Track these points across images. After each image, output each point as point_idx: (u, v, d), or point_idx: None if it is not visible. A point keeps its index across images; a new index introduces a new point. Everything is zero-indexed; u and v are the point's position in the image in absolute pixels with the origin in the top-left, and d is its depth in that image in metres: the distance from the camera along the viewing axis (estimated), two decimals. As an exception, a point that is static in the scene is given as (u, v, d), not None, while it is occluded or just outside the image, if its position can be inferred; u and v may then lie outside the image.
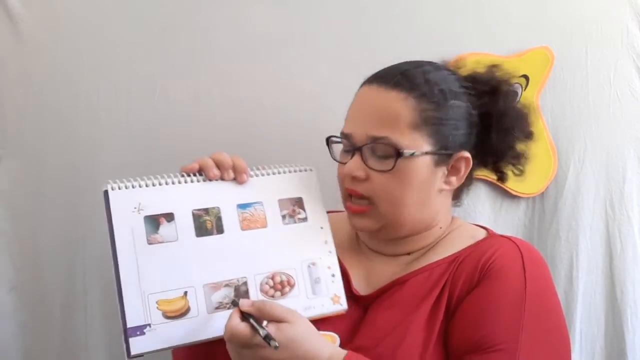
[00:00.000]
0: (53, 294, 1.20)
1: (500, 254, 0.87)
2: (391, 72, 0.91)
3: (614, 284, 1.26)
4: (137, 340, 0.79)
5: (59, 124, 1.18)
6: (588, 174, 1.25)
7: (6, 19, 1.16)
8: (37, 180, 1.19)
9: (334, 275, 0.90)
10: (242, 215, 0.88)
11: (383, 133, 0.87)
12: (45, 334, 1.20)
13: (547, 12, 1.24)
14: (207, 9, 1.20)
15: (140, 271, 0.81)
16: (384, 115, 0.88)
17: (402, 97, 0.87)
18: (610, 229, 1.26)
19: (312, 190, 0.93)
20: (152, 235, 0.83)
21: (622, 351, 1.25)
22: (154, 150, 1.19)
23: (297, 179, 0.93)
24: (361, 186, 0.89)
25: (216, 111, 1.21)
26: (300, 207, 0.91)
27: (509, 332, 0.81)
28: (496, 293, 0.84)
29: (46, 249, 1.19)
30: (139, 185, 0.84)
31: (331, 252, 0.91)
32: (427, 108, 0.87)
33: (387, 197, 0.88)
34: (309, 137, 1.18)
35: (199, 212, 0.86)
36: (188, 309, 0.81)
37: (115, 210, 0.82)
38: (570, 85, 1.25)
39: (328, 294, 0.88)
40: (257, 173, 0.91)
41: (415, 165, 0.88)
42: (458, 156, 0.90)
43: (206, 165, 0.88)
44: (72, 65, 1.18)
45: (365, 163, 0.88)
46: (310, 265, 0.89)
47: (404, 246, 0.95)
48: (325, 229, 0.92)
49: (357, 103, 0.92)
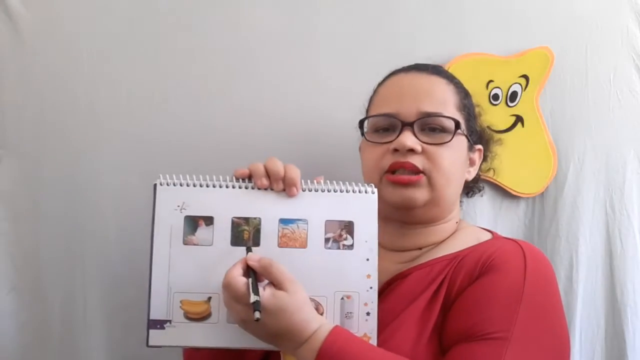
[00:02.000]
0: (53, 294, 1.20)
1: (503, 250, 0.87)
2: (426, 65, 0.97)
3: (614, 284, 1.26)
4: (157, 333, 0.81)
5: (59, 124, 1.18)
6: (588, 174, 1.25)
7: (6, 19, 1.16)
8: (37, 180, 1.19)
9: (369, 314, 0.83)
10: (282, 231, 0.84)
11: (436, 109, 0.91)
12: (45, 334, 1.20)
13: (547, 12, 1.24)
14: (208, 10, 1.20)
15: (171, 268, 0.82)
16: (433, 94, 0.93)
17: (445, 82, 0.95)
18: (610, 229, 1.26)
19: (368, 215, 0.85)
20: (189, 236, 0.83)
21: (622, 351, 1.25)
22: (154, 150, 1.19)
23: (354, 200, 0.85)
24: (416, 159, 0.90)
25: (216, 112, 1.21)
26: (349, 232, 0.84)
27: (502, 321, 0.79)
28: (494, 284, 0.83)
29: (46, 249, 1.19)
30: (187, 184, 0.84)
31: (372, 288, 0.84)
32: (462, 97, 0.96)
33: (443, 169, 0.90)
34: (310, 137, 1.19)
35: (238, 221, 0.84)
36: (209, 314, 0.82)
37: (160, 205, 0.83)
38: (570, 85, 1.25)
39: (358, 332, 0.83)
40: (311, 187, 0.85)
41: (462, 144, 0.94)
42: (476, 147, 0.98)
43: (256, 173, 0.84)
44: (72, 65, 1.18)
45: (419, 137, 0.90)
46: (344, 298, 0.83)
47: (418, 239, 0.95)
48: (371, 261, 0.84)
49: (396, 87, 0.95)
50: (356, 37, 1.22)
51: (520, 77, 1.22)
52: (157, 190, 0.84)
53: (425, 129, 0.91)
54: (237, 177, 0.85)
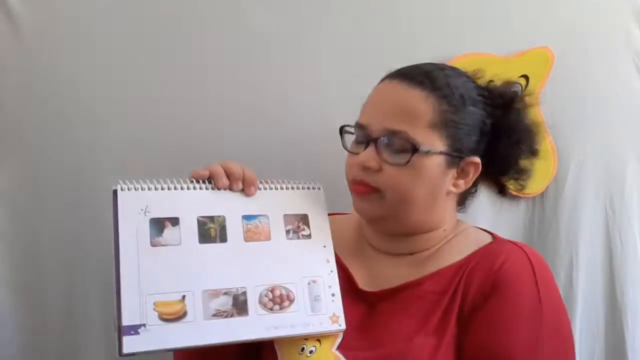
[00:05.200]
0: (53, 294, 1.20)
1: (511, 262, 0.88)
2: (415, 71, 0.92)
3: (614, 284, 1.26)
4: (131, 339, 0.78)
5: (59, 124, 1.18)
6: (588, 174, 1.25)
7: (6, 19, 1.16)
8: (37, 180, 1.18)
9: (333, 295, 0.89)
10: (246, 226, 0.88)
11: (401, 127, 0.88)
12: (45, 334, 1.20)
13: (547, 12, 1.25)
14: (208, 10, 1.20)
15: (140, 272, 0.82)
16: (404, 110, 0.89)
17: (424, 96, 0.89)
18: (610, 229, 1.26)
19: (319, 208, 0.94)
20: (156, 238, 0.84)
21: (622, 351, 1.25)
22: (154, 150, 1.19)
23: (305, 196, 0.93)
24: (371, 177, 0.90)
25: (216, 112, 1.21)
26: (305, 223, 0.92)
27: (528, 346, 0.83)
28: (512, 305, 0.85)
29: (46, 249, 1.19)
30: (148, 187, 0.86)
31: (332, 271, 0.90)
32: (447, 110, 0.89)
33: (397, 190, 0.89)
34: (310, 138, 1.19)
35: (204, 219, 0.86)
36: (185, 312, 0.81)
37: (122, 211, 0.84)
38: (570, 85, 1.25)
39: (327, 312, 0.88)
40: (266, 186, 0.92)
41: (429, 163, 0.89)
42: (468, 160, 0.91)
43: (216, 174, 0.89)
44: (72, 65, 1.18)
45: (380, 155, 0.89)
46: (310, 283, 0.88)
47: (407, 245, 0.95)
48: (328, 248, 0.92)
49: (376, 96, 0.93)
50: (356, 37, 1.22)
51: (520, 77, 1.22)
52: (119, 195, 0.84)
53: (390, 146, 0.89)
54: (195, 178, 0.88)
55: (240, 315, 0.83)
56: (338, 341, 0.89)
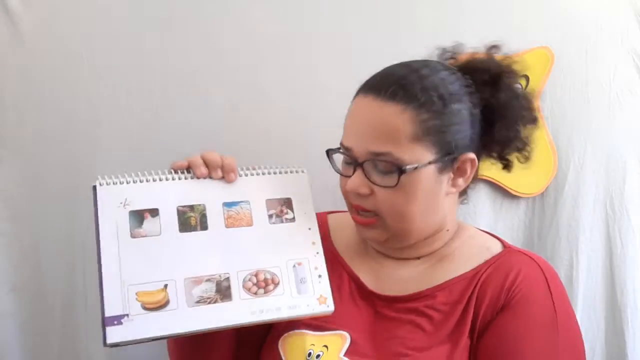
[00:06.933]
0: (53, 294, 1.20)
1: (524, 276, 0.87)
2: (386, 81, 0.86)
3: (614, 284, 1.26)
4: (114, 329, 0.79)
5: (59, 124, 1.18)
6: (588, 174, 1.25)
7: (6, 19, 1.16)
8: (37, 180, 1.19)
9: (320, 276, 0.88)
10: (227, 213, 0.88)
11: (384, 149, 0.84)
12: (45, 334, 1.20)
13: (547, 12, 1.25)
14: (208, 10, 1.20)
15: (122, 263, 0.82)
16: (383, 130, 0.84)
17: (400, 110, 0.83)
18: (610, 229, 1.26)
19: (303, 191, 0.92)
20: (136, 230, 0.84)
21: (622, 351, 1.25)
22: (154, 150, 1.18)
23: (288, 180, 0.92)
24: (367, 202, 0.88)
25: (216, 111, 1.21)
26: (289, 207, 0.91)
27: (546, 357, 0.83)
28: (527, 317, 0.85)
29: (46, 249, 1.19)
30: (126, 181, 0.86)
31: (319, 253, 0.89)
32: (427, 118, 0.84)
33: (393, 211, 0.87)
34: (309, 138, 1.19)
35: (183, 209, 0.87)
36: (167, 301, 0.81)
37: (102, 205, 0.84)
38: (570, 85, 1.25)
39: (314, 294, 0.87)
40: (247, 173, 0.91)
41: (420, 178, 0.85)
42: (463, 158, 0.88)
43: (194, 163, 0.88)
44: (72, 65, 1.18)
45: (369, 178, 0.86)
46: (295, 265, 0.88)
47: (413, 251, 0.94)
48: (313, 230, 0.91)
49: (354, 115, 0.89)
50: (356, 37, 1.22)
51: (520, 77, 1.22)
52: (98, 190, 0.85)
53: (378, 168, 0.86)
54: (175, 169, 0.89)
55: (224, 300, 0.83)
56: (346, 346, 0.88)
